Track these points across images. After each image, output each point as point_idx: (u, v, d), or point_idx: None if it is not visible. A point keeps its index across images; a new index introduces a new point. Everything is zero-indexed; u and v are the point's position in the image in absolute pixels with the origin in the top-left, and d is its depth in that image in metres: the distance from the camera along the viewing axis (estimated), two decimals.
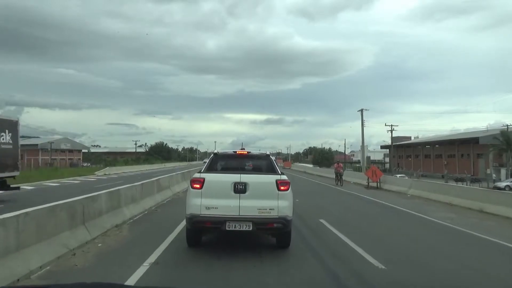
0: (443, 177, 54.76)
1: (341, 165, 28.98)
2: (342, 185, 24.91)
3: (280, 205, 6.49)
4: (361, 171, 60.81)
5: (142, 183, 11.23)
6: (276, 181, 6.60)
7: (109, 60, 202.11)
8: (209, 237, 7.46)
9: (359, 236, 8.31)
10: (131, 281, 4.90)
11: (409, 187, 19.48)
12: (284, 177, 6.80)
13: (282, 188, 6.59)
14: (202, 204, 6.45)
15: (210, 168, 7.39)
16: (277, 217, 6.44)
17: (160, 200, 12.81)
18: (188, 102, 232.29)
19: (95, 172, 39.46)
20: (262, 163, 7.75)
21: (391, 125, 62.99)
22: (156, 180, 13.17)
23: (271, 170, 7.36)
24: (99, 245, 6.81)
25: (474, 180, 46.47)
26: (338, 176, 26.08)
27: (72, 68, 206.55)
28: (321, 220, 10.29)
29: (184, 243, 7.02)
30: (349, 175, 32.48)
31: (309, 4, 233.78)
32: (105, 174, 39.07)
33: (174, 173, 18.03)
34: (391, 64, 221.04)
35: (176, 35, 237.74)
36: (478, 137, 55.19)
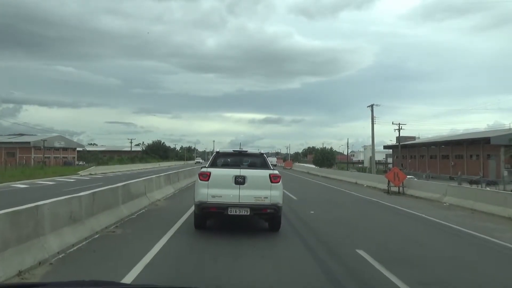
0: (450, 178, 51.25)
1: None
2: None
3: (273, 194, 7.59)
4: (366, 172, 57.42)
5: (93, 192, 7.67)
6: (269, 175, 7.72)
7: (108, 58, 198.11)
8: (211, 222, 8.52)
9: None
10: None
11: (444, 194, 15.96)
12: (276, 171, 7.92)
13: (274, 180, 7.67)
14: (208, 193, 7.53)
15: (213, 164, 8.47)
16: (270, 204, 7.54)
17: (126, 214, 9.25)
18: (187, 101, 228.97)
19: (79, 172, 35.83)
20: (257, 160, 8.91)
21: (399, 124, 59.37)
22: (123, 185, 9.58)
23: (264, 166, 8.48)
24: None
25: (490, 183, 43.09)
26: None
27: (71, 66, 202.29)
28: (360, 252, 6.77)
29: None
30: (360, 177, 29.00)
31: (310, 3, 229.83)
32: (90, 174, 35.48)
33: (155, 176, 14.43)
34: (391, 64, 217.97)
35: (175, 33, 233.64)
36: (489, 137, 51.74)
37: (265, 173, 7.79)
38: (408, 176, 41.22)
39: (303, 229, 8.94)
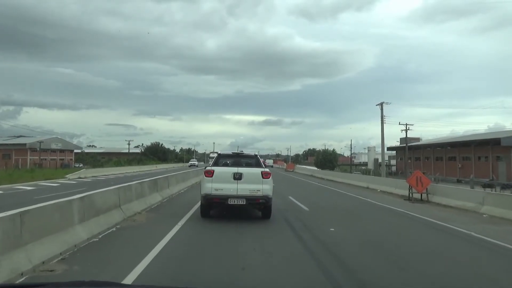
0: (458, 181, 48.52)
1: None
2: None
3: (264, 188, 9.45)
4: (370, 174, 54.83)
5: (22, 212, 5.08)
6: (261, 172, 9.62)
7: (107, 59, 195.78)
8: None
9: None
10: None
11: (481, 203, 13.46)
12: (267, 169, 9.88)
13: (265, 176, 9.54)
14: (212, 187, 9.36)
15: (216, 163, 10.30)
16: (262, 195, 9.43)
17: (84, 238, 6.72)
18: (187, 103, 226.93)
19: (67, 175, 33.31)
20: (252, 161, 10.81)
21: (406, 124, 56.93)
22: (81, 198, 7.02)
23: (258, 165, 10.43)
24: None
25: (505, 187, 40.37)
26: None
27: (70, 68, 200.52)
28: None
29: None
30: (373, 182, 26.48)
31: (310, 4, 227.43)
32: (79, 178, 33.00)
33: (136, 182, 11.86)
34: (392, 66, 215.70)
35: (175, 35, 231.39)
36: (499, 138, 49.16)
37: (258, 170, 9.72)
38: None
39: (327, 259, 6.40)
